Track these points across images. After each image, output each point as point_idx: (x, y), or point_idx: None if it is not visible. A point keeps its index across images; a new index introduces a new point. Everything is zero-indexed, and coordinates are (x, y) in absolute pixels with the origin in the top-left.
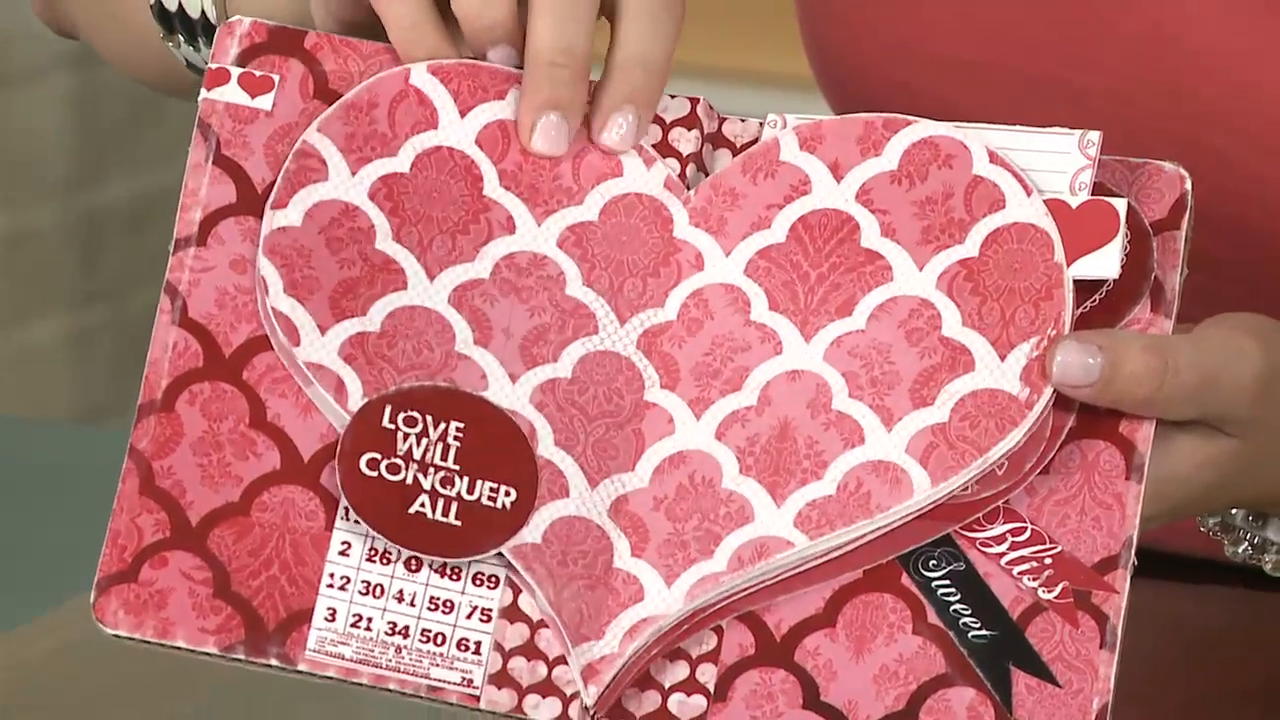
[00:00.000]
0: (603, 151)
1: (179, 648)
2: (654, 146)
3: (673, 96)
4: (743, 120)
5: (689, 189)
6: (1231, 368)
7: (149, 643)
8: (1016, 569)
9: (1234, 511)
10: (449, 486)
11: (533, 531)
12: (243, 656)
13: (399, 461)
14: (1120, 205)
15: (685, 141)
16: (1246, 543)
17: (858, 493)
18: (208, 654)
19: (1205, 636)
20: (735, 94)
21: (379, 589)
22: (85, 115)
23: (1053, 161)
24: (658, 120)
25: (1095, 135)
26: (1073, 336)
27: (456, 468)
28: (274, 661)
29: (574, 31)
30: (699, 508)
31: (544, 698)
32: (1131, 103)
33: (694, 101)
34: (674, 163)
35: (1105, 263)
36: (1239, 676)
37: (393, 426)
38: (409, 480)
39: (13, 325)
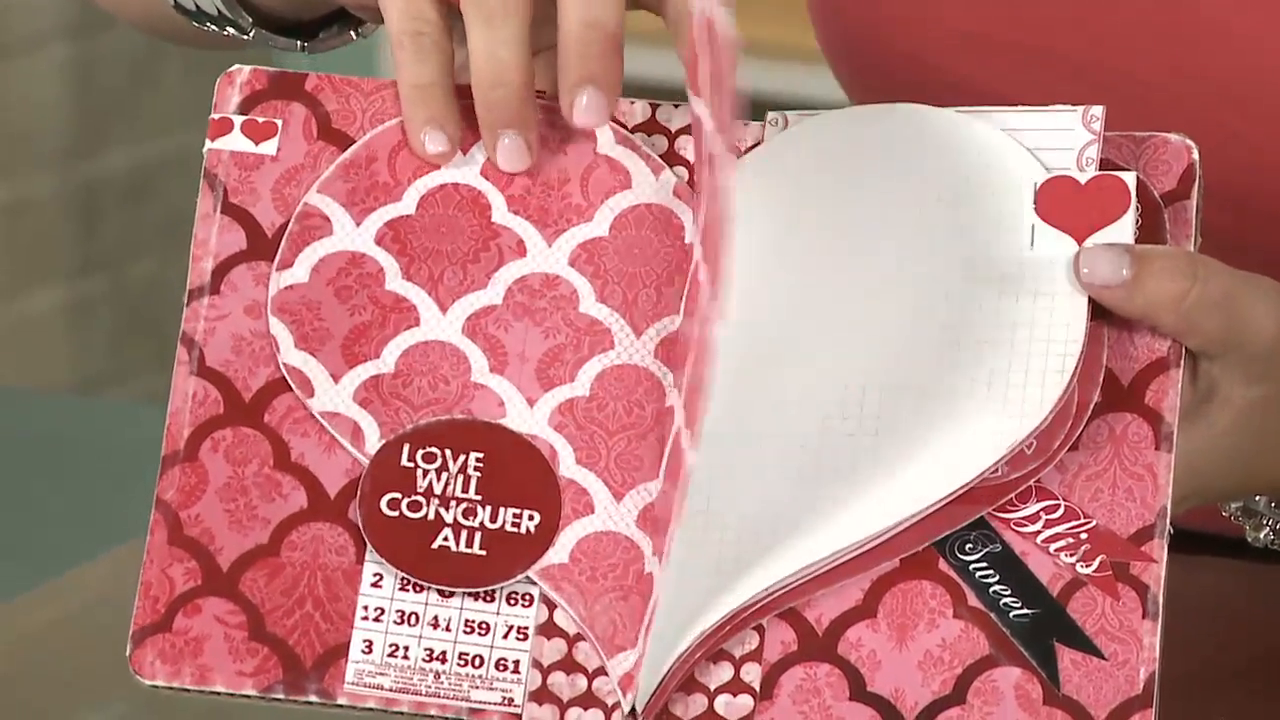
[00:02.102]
0: (611, 166)
1: (217, 693)
2: (661, 156)
3: (676, 105)
4: (745, 124)
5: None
6: (1259, 292)
7: (188, 690)
8: (1053, 546)
9: (1257, 498)
10: (471, 517)
11: (559, 552)
12: (282, 696)
13: (420, 499)
14: (1129, 179)
15: (692, 150)
16: (1268, 528)
17: None
18: (247, 696)
19: (1201, 609)
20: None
21: (414, 617)
22: (83, 85)
23: (1058, 139)
24: (663, 130)
25: (1099, 110)
26: (1097, 244)
27: (478, 498)
28: (313, 698)
29: (602, 8)
30: None
31: (586, 710)
32: (1140, 78)
33: None
34: (682, 170)
35: (1119, 237)
36: (1235, 650)
37: (412, 464)
38: (430, 516)
39: (11, 295)
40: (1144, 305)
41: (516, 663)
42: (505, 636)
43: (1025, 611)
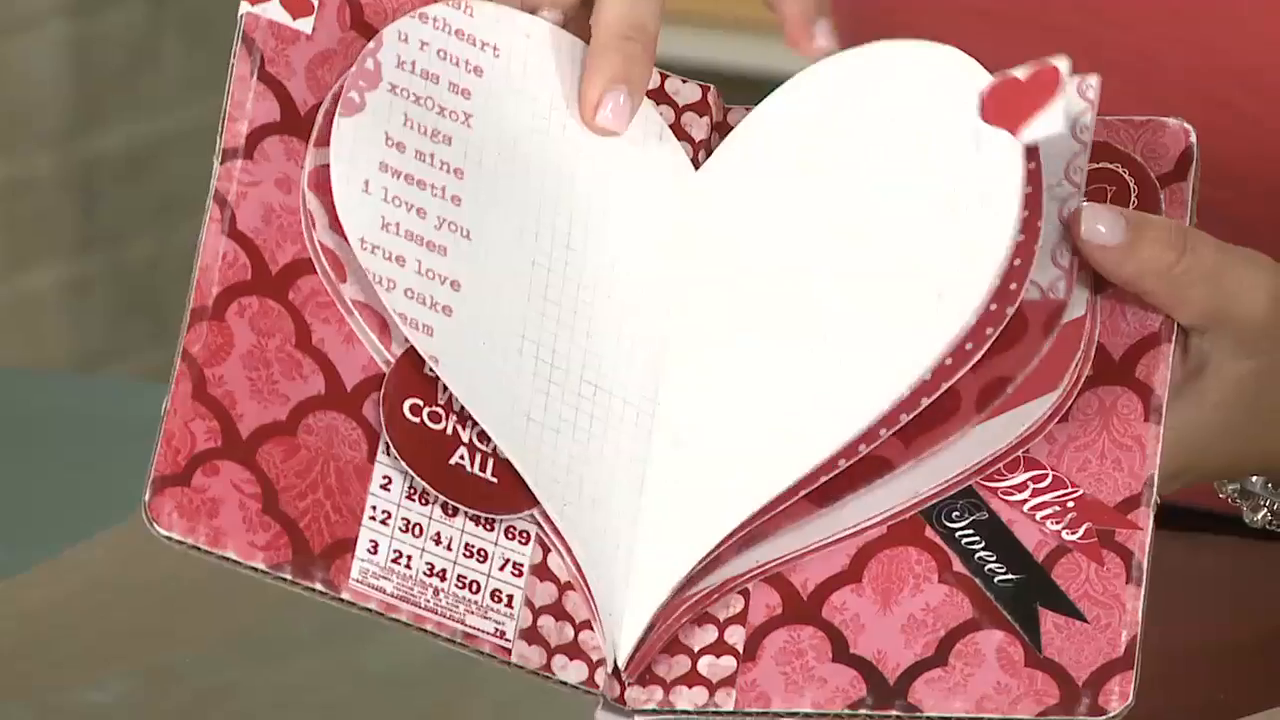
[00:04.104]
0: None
1: (228, 558)
2: (670, 126)
3: (684, 81)
4: (747, 109)
5: None
6: (1251, 264)
7: (198, 549)
8: (1039, 514)
9: (1253, 478)
10: (485, 442)
11: None
12: (289, 577)
13: (439, 410)
14: (1062, 63)
15: (697, 127)
16: (1266, 509)
17: None
18: (255, 569)
19: (1201, 586)
20: (746, 45)
21: (418, 528)
22: (82, 63)
23: None
24: (670, 102)
25: (1094, 79)
26: (1096, 205)
27: None
28: (319, 586)
29: (645, 9)
30: None
31: (571, 660)
32: (1150, 55)
33: (705, 89)
34: (688, 147)
35: (1049, 122)
36: (1234, 627)
37: (433, 375)
38: (449, 431)
39: (10, 273)
40: (1135, 271)
41: (510, 597)
42: (501, 569)
43: (1009, 577)
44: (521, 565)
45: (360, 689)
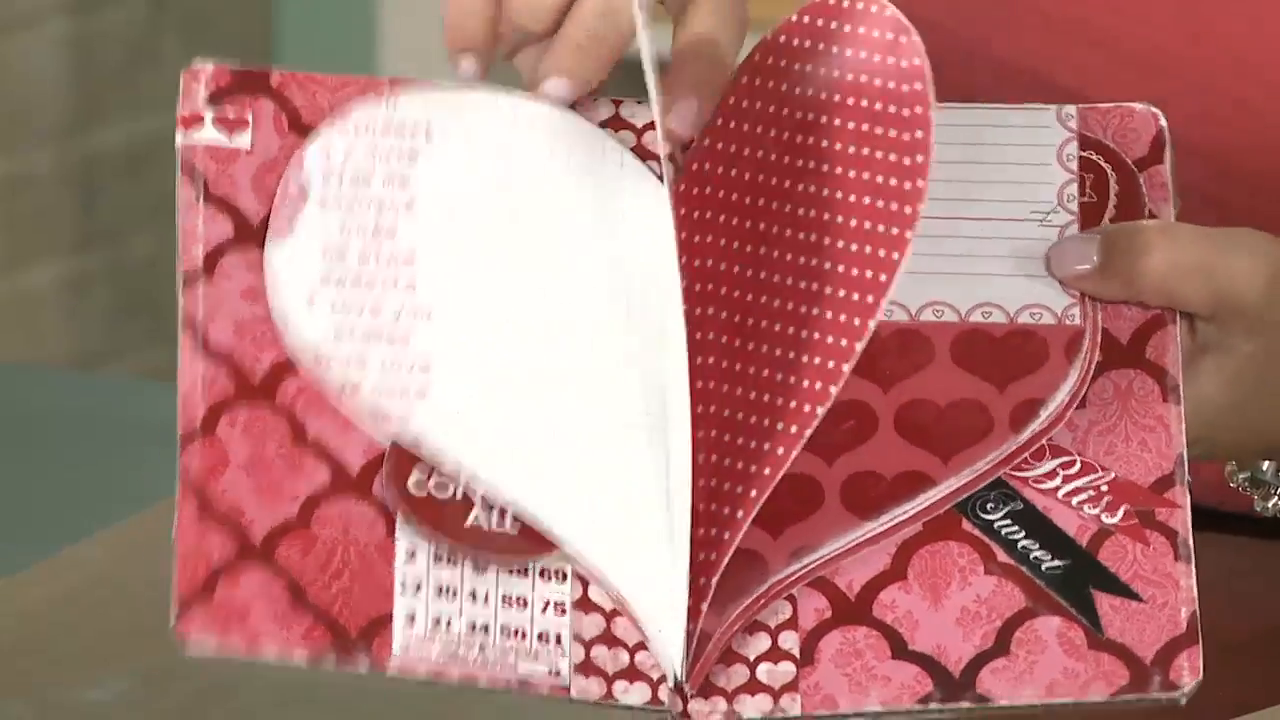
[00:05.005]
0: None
1: (269, 658)
2: (631, 150)
3: (639, 101)
4: None
5: None
6: (1243, 245)
7: (237, 656)
8: (1075, 500)
9: (1264, 466)
10: None
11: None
12: (333, 665)
13: (445, 480)
14: None
15: (659, 144)
16: (1277, 496)
17: None
18: (299, 663)
19: (1204, 584)
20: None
21: (452, 591)
22: (82, 60)
23: (1035, 136)
24: (629, 126)
25: (1072, 109)
26: (1064, 237)
27: None
28: (364, 668)
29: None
30: None
31: (631, 683)
32: (1160, 47)
33: None
34: (654, 165)
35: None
36: (1237, 625)
37: None
38: (458, 496)
39: (9, 270)
40: (1121, 287)
41: (558, 636)
42: (543, 611)
43: (1057, 563)
44: (563, 604)
45: (361, 687)
